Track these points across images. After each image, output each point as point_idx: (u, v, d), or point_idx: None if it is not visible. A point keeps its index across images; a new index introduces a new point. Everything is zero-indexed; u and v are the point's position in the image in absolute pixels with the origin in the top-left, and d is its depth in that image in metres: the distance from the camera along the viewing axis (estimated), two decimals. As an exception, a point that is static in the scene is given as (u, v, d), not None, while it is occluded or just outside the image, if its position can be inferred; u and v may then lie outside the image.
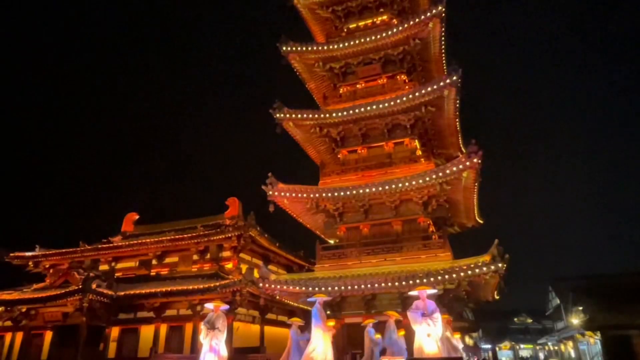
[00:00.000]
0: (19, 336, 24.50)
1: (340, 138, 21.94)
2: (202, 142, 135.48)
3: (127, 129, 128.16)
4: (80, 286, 21.51)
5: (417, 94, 19.08)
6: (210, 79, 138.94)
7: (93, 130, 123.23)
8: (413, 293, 11.60)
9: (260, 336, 25.27)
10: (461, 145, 22.71)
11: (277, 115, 20.87)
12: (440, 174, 17.53)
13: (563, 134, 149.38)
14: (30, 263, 29.08)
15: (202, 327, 11.50)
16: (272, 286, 18.18)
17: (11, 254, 28.76)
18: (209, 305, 11.93)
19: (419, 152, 20.71)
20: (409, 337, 12.71)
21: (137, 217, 32.78)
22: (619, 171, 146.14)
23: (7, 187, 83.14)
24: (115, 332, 23.58)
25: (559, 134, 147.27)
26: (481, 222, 23.39)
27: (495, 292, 19.71)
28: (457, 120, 20.74)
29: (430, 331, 10.98)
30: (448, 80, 18.22)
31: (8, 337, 25.16)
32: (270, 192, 19.57)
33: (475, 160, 16.67)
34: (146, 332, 23.16)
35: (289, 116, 20.89)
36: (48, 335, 23.82)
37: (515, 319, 65.83)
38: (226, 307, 12.16)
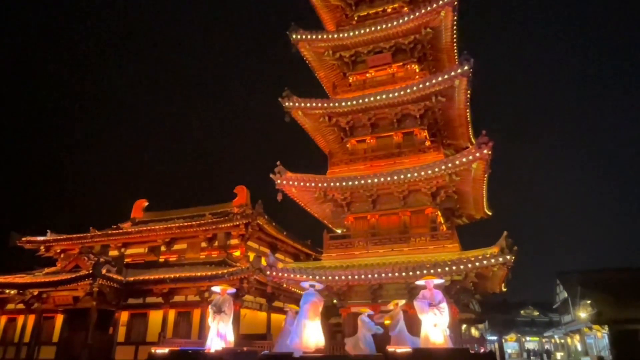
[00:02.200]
0: (31, 319, 24.91)
1: (349, 127, 21.80)
2: (212, 131, 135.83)
3: (138, 115, 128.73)
4: (90, 271, 21.75)
5: (427, 83, 18.85)
6: (221, 68, 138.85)
7: (104, 117, 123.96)
8: (420, 283, 11.62)
9: (267, 323, 25.47)
10: (471, 136, 22.47)
11: (286, 103, 20.78)
12: (450, 165, 17.38)
13: (574, 127, 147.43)
14: (41, 247, 29.47)
15: (210, 310, 11.59)
16: (280, 274, 18.24)
17: (23, 238, 29.15)
18: (216, 289, 12.01)
19: (428, 143, 20.53)
20: (415, 326, 12.74)
21: (146, 203, 33.00)
22: (630, 163, 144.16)
23: (20, 173, 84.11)
24: (124, 316, 23.90)
25: (570, 126, 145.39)
26: (490, 213, 23.22)
27: (503, 284, 19.61)
28: (467, 110, 20.50)
29: (436, 321, 11.00)
30: (459, 70, 17.96)
31: (20, 319, 25.61)
32: (279, 181, 19.56)
33: (485, 151, 16.48)
34: (155, 317, 23.45)
35: (297, 105, 20.79)
36: (59, 319, 24.24)
37: (522, 312, 65.67)
38: (233, 290, 12.25)
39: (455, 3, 19.47)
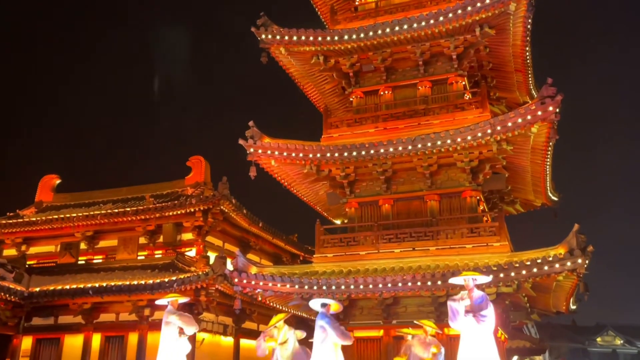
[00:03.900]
0: None
1: (354, 73, 21.79)
2: (154, 78, 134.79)
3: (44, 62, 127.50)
4: (-24, 279, 21.89)
5: (469, 7, 18.65)
6: None
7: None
8: (456, 280, 11.46)
9: (234, 353, 25.86)
10: (531, 87, 22.51)
11: (263, 36, 20.57)
12: (499, 128, 17.38)
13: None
14: None
15: (173, 317, 11.18)
16: (253, 282, 18.39)
17: None
18: (163, 301, 11.85)
19: (468, 96, 20.63)
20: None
21: (58, 181, 32.98)
22: None
23: None
24: (27, 343, 24.19)
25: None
26: (556, 199, 23.40)
27: (572, 300, 19.95)
28: (526, 49, 20.40)
29: (478, 333, 10.60)
30: (515, -13, 17.87)
31: None
32: (252, 149, 19.56)
33: (550, 108, 16.51)
34: (72, 343, 23.76)
35: (279, 38, 20.58)
36: None
37: (599, 339, 67.03)
38: (186, 300, 12.16)
39: None
